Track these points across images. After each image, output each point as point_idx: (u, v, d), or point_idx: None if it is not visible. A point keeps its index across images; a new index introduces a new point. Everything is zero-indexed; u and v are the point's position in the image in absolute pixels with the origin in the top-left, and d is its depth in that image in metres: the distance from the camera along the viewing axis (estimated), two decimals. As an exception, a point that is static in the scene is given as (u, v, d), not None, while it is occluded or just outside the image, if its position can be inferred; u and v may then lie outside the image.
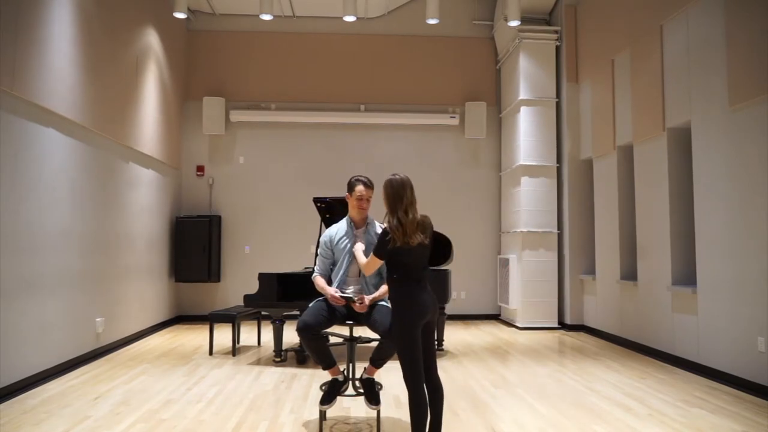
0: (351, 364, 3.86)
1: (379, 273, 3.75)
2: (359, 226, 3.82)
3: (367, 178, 3.81)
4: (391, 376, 5.04)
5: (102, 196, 6.14)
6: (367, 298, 3.58)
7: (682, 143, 5.85)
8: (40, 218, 4.90)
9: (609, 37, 7.28)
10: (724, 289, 5.02)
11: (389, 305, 3.69)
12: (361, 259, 3.51)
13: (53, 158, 5.13)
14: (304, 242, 8.75)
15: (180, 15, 7.76)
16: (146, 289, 7.50)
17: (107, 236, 6.26)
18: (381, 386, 3.76)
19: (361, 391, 3.66)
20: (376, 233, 3.76)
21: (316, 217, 6.07)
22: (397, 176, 3.19)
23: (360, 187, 3.75)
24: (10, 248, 4.46)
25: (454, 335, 7.47)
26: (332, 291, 3.66)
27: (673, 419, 3.91)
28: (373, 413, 3.72)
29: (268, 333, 6.97)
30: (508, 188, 8.94)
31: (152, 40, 7.70)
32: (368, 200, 3.77)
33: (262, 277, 5.76)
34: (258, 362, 5.85)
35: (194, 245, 8.58)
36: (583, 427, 3.73)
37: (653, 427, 3.73)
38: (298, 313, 5.36)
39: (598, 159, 7.62)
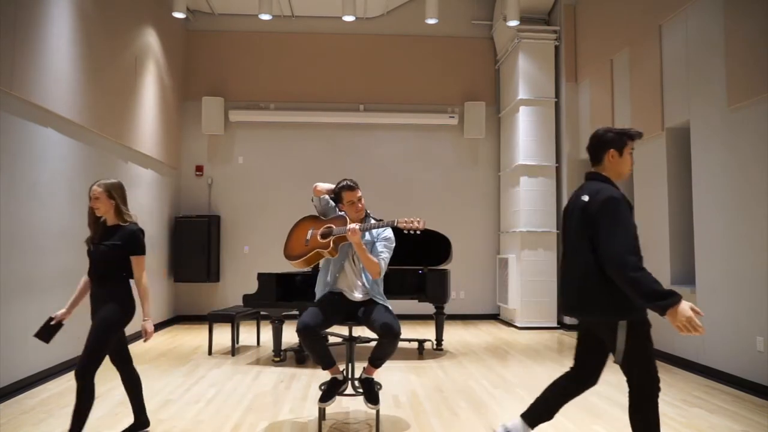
0: (350, 364, 3.86)
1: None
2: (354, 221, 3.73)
3: (350, 180, 3.70)
4: (390, 376, 5.04)
5: (101, 196, 6.13)
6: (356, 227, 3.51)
7: (681, 143, 5.85)
8: (40, 218, 4.89)
9: (608, 36, 7.28)
10: (723, 289, 5.03)
11: (389, 305, 3.70)
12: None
13: (52, 158, 5.12)
14: (303, 242, 8.74)
15: (179, 15, 7.76)
16: (145, 289, 7.47)
17: (106, 236, 6.24)
18: (380, 386, 3.75)
19: (361, 390, 3.66)
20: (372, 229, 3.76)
21: (316, 217, 6.05)
22: None
23: (348, 193, 3.67)
24: (10, 248, 4.45)
25: (453, 335, 7.46)
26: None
27: (672, 419, 3.91)
28: (373, 413, 3.72)
29: (267, 333, 6.95)
30: (507, 188, 8.94)
31: (151, 40, 7.69)
32: (360, 199, 3.69)
33: (262, 277, 5.76)
34: (257, 362, 5.84)
35: (193, 245, 8.57)
36: (583, 427, 3.74)
37: (652, 427, 3.73)
38: (297, 313, 5.36)
39: (597, 159, 7.61)
